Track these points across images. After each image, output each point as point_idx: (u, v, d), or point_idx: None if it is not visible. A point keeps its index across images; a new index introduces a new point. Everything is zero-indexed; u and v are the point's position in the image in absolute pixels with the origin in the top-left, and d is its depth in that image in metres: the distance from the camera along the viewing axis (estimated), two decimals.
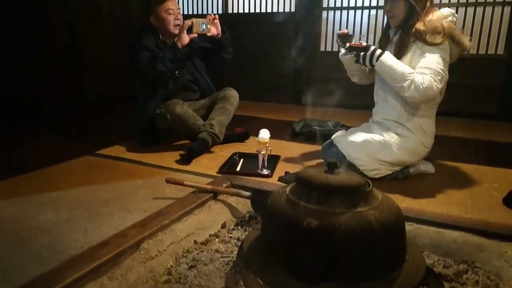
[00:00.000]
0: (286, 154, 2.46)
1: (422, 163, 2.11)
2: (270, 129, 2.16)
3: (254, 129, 2.63)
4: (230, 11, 4.93)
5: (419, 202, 1.76)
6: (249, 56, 4.63)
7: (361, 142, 2.01)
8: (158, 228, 1.40)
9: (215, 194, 1.74)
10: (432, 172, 2.13)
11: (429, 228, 1.46)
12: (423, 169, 2.11)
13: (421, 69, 1.82)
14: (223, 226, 1.59)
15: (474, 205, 1.73)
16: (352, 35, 2.02)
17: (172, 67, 2.41)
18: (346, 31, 2.03)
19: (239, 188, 1.82)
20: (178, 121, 2.44)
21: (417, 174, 2.09)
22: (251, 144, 2.70)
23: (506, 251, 1.32)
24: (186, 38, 2.38)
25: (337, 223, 0.88)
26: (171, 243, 1.40)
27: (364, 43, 1.95)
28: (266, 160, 2.11)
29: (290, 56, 4.58)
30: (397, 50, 1.91)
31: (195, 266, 1.31)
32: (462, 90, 3.76)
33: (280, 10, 4.66)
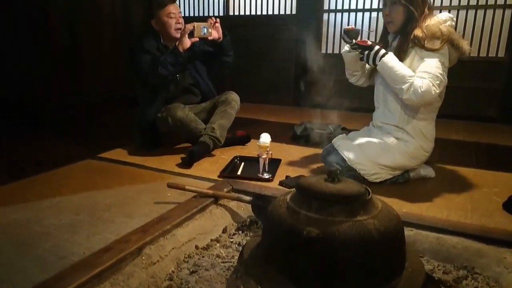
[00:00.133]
0: (287, 158, 2.47)
1: (422, 167, 2.11)
2: (271, 132, 2.17)
3: (255, 132, 2.63)
4: (231, 13, 4.95)
5: (419, 207, 1.76)
6: (250, 58, 4.64)
7: (361, 146, 2.02)
8: (159, 233, 1.41)
9: (216, 199, 1.75)
10: (432, 176, 2.14)
11: (429, 233, 1.47)
12: (424, 173, 2.11)
13: (420, 73, 1.83)
14: (224, 231, 1.60)
15: (474, 210, 1.73)
16: (359, 31, 1.99)
17: (173, 71, 2.42)
18: (353, 27, 2.00)
19: (240, 192, 1.83)
20: (180, 124, 2.45)
21: (417, 178, 2.10)
22: (252, 147, 2.70)
23: (506, 257, 1.33)
24: (187, 42, 2.39)
25: (337, 232, 0.89)
26: (173, 248, 1.41)
27: (369, 42, 1.95)
28: (267, 164, 2.11)
29: (291, 58, 4.59)
30: (396, 55, 1.91)
31: (196, 271, 1.32)
32: (463, 92, 3.77)
33: (281, 12, 4.68)
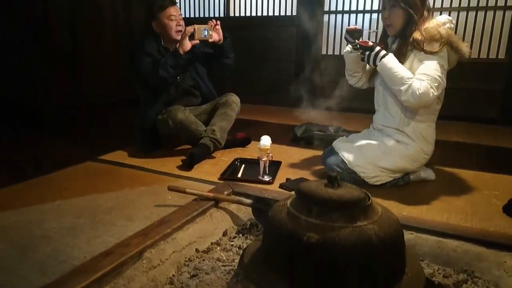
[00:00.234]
0: (287, 160, 2.47)
1: (422, 170, 2.11)
2: (271, 133, 2.17)
3: (255, 133, 2.64)
4: (232, 15, 4.95)
5: (419, 210, 1.76)
6: (250, 59, 4.65)
7: (361, 149, 2.03)
8: (160, 237, 1.41)
9: (217, 202, 1.75)
10: (432, 178, 2.14)
11: (429, 237, 1.47)
12: (424, 175, 2.12)
13: (419, 75, 1.83)
14: (225, 234, 1.61)
15: (474, 213, 1.73)
16: (361, 31, 1.98)
17: (173, 73, 2.42)
18: (356, 27, 1.99)
19: (241, 195, 1.83)
20: (180, 127, 2.45)
21: (417, 180, 2.10)
22: (253, 149, 2.70)
23: (506, 261, 1.34)
24: (188, 44, 2.40)
25: (337, 238, 0.89)
26: (173, 252, 1.41)
27: (370, 43, 1.95)
28: (267, 166, 2.12)
29: (292, 59, 4.59)
30: (396, 58, 1.92)
31: (197, 275, 1.32)
32: (463, 94, 3.77)
33: (281, 13, 4.68)
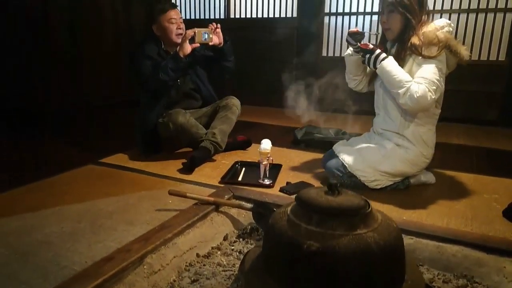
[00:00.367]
0: (288, 163, 2.47)
1: (423, 173, 2.12)
2: (272, 136, 2.17)
3: (255, 136, 2.64)
4: (232, 16, 4.95)
5: (420, 214, 1.77)
6: (250, 60, 4.65)
7: (362, 153, 2.03)
8: (161, 242, 1.41)
9: (217, 206, 1.75)
10: (432, 182, 2.14)
11: (429, 242, 1.48)
12: (424, 179, 2.12)
13: (417, 78, 1.84)
14: (225, 239, 1.61)
15: (474, 217, 1.73)
16: (363, 34, 1.98)
17: (174, 76, 2.43)
18: (357, 29, 1.99)
19: (241, 199, 1.84)
20: (181, 130, 2.46)
21: (418, 184, 2.10)
22: (253, 152, 2.70)
23: (505, 266, 1.34)
24: (188, 48, 2.40)
25: (337, 246, 0.89)
26: (174, 257, 1.41)
27: (370, 45, 1.96)
28: (267, 170, 2.12)
29: (292, 61, 4.59)
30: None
31: (198, 280, 1.32)
32: (463, 96, 3.78)
33: (282, 15, 4.69)
